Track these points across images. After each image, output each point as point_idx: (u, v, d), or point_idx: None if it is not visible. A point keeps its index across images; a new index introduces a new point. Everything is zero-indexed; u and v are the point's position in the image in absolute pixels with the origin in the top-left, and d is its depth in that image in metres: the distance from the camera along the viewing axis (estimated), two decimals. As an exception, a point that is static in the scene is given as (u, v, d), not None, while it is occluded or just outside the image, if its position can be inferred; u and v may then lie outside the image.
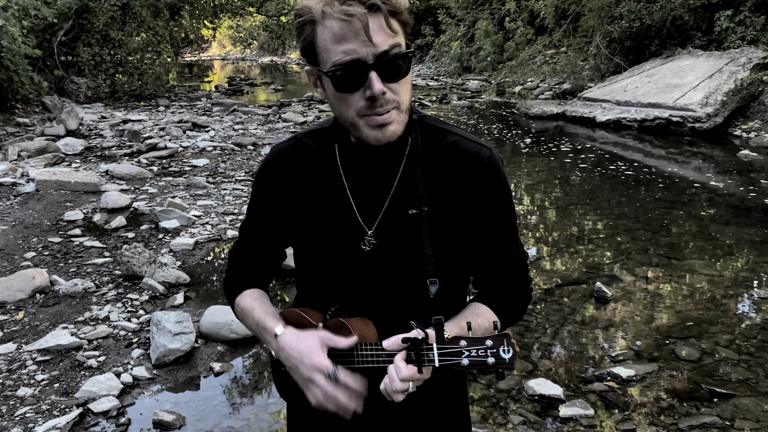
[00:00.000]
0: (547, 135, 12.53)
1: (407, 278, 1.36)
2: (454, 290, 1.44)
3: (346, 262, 1.40)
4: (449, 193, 1.35)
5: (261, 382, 3.76)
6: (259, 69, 39.22)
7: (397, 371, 1.20)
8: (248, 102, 18.34)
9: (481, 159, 1.36)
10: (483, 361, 1.14)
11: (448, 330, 1.27)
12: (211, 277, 5.30)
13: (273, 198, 1.47)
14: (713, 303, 4.73)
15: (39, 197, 7.38)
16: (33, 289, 4.69)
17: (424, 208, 1.32)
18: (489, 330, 1.38)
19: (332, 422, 1.42)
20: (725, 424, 3.24)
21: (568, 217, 7.25)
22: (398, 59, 1.22)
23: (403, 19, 1.24)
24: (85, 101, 16.15)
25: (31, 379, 3.63)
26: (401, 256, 1.36)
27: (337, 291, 1.41)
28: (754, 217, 6.93)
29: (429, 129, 1.39)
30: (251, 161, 9.88)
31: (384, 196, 1.37)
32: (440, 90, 20.87)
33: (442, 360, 1.16)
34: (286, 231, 1.49)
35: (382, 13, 1.18)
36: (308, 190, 1.42)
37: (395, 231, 1.36)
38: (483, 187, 1.35)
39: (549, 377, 3.68)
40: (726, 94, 11.73)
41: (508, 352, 1.13)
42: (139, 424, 3.28)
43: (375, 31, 1.18)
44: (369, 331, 1.34)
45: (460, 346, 1.15)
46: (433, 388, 1.31)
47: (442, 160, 1.36)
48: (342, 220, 1.39)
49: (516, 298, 1.47)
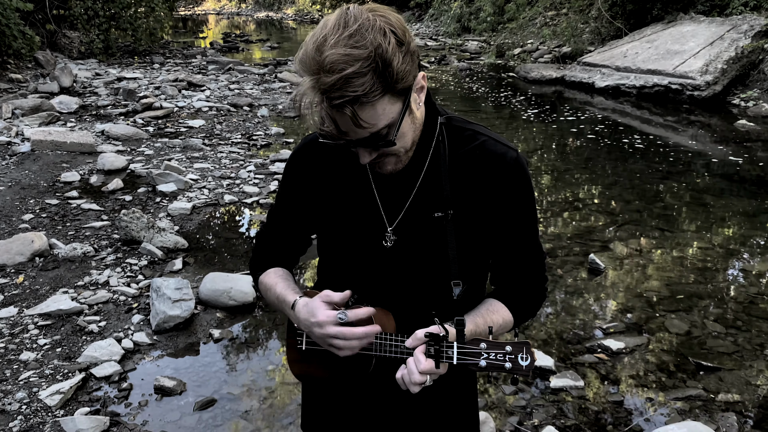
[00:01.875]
0: (545, 100, 12.47)
1: (429, 278, 1.40)
2: (476, 290, 1.48)
3: (367, 257, 1.43)
4: (475, 195, 1.38)
5: (259, 348, 3.84)
6: (254, 24, 38.55)
7: (417, 363, 1.25)
8: (244, 60, 18.11)
9: (507, 160, 1.37)
10: (501, 365, 1.19)
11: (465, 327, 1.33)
12: (209, 243, 5.35)
13: (301, 186, 1.51)
14: (704, 276, 4.82)
15: (35, 157, 7.35)
16: (32, 252, 4.73)
17: (449, 211, 1.35)
18: (502, 326, 1.43)
19: (344, 402, 1.48)
20: (709, 396, 3.35)
21: (563, 183, 7.29)
22: (383, 142, 1.25)
23: (396, 88, 1.21)
24: (79, 57, 15.90)
25: (34, 343, 3.69)
26: (423, 257, 1.40)
27: (356, 283, 1.44)
28: (747, 189, 6.99)
29: (456, 131, 1.40)
30: (247, 123, 9.82)
31: (407, 195, 1.40)
32: (439, 51, 20.62)
33: (461, 359, 1.22)
34: (312, 219, 1.53)
35: (347, 115, 1.18)
36: (335, 182, 1.46)
37: (418, 231, 1.39)
38: (508, 188, 1.37)
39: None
40: (726, 62, 11.66)
41: (525, 359, 1.18)
42: (141, 389, 3.36)
43: (348, 128, 1.22)
44: (389, 321, 1.39)
45: (479, 348, 1.21)
46: (445, 383, 1.36)
47: (469, 162, 1.38)
48: (366, 214, 1.42)
49: (531, 297, 1.51)
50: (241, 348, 3.84)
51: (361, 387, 1.50)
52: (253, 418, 3.19)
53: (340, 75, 1.13)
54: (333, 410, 1.59)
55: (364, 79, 1.14)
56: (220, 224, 5.83)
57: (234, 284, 4.21)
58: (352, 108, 1.16)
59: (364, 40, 1.15)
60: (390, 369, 1.35)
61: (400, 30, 1.20)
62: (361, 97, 1.15)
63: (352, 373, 1.42)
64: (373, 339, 1.34)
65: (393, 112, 1.22)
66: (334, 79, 1.13)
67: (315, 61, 1.16)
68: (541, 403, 3.29)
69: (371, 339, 1.33)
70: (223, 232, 5.65)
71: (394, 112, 1.22)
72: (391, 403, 1.46)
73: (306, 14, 44.33)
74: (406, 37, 1.20)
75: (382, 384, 1.37)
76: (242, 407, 3.27)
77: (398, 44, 1.18)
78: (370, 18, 1.18)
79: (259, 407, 3.27)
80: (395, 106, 1.22)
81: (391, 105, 1.21)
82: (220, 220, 5.91)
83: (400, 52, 1.18)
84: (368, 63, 1.14)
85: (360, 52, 1.14)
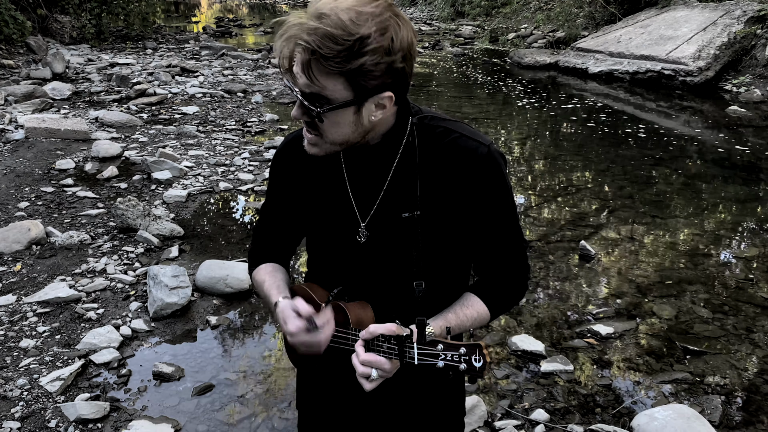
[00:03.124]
0: (539, 85, 12.49)
1: (396, 276, 1.44)
2: (445, 289, 1.50)
3: (343, 251, 1.49)
4: (446, 194, 1.39)
5: (256, 334, 3.91)
6: (247, 8, 38.22)
7: (357, 356, 1.30)
8: (237, 45, 18.03)
9: (478, 156, 1.36)
10: (456, 366, 1.23)
11: (433, 325, 1.37)
12: (204, 230, 5.39)
13: (284, 184, 1.58)
14: (693, 261, 4.90)
15: (29, 145, 7.36)
16: (29, 240, 4.76)
17: (416, 211, 1.37)
18: (477, 320, 1.47)
19: (337, 391, 1.54)
20: (695, 380, 3.44)
21: (556, 169, 7.35)
22: (311, 108, 1.26)
23: (354, 79, 1.21)
24: (71, 42, 15.78)
25: (33, 330, 3.75)
26: (391, 255, 1.44)
27: (336, 276, 1.51)
28: (738, 175, 7.07)
29: (428, 129, 1.40)
30: (241, 109, 9.82)
31: (377, 193, 1.44)
32: (433, 36, 20.55)
33: (421, 359, 1.25)
34: (297, 215, 1.59)
35: (304, 59, 1.20)
36: (313, 179, 1.51)
37: (387, 230, 1.43)
38: (480, 183, 1.37)
39: (532, 333, 3.85)
40: (719, 48, 11.70)
41: (479, 361, 1.22)
42: (140, 375, 3.42)
43: (297, 70, 1.23)
44: (366, 315, 1.43)
45: (437, 349, 1.24)
46: (430, 378, 1.40)
47: (441, 160, 1.38)
48: (340, 209, 1.47)
49: (511, 288, 1.53)
50: (238, 334, 3.90)
51: (348, 376, 1.56)
52: (250, 402, 3.26)
53: (323, 27, 1.16)
54: (325, 393, 1.66)
55: (333, 46, 1.16)
56: (216, 211, 5.87)
57: (230, 271, 4.26)
58: (308, 56, 1.18)
59: (364, 23, 1.17)
60: None
61: (399, 45, 1.21)
62: (320, 55, 1.17)
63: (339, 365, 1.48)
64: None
65: (339, 95, 1.23)
66: (315, 25, 1.16)
67: (319, 7, 1.19)
68: (532, 387, 3.37)
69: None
70: (219, 219, 5.69)
71: (340, 95, 1.23)
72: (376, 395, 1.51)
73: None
74: (398, 53, 1.22)
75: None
76: (239, 392, 3.34)
77: (385, 51, 1.20)
78: (388, 14, 1.21)
79: (256, 391, 3.34)
80: (344, 92, 1.23)
81: (342, 89, 1.22)
82: (216, 208, 5.95)
83: (381, 56, 1.19)
84: (348, 39, 1.16)
85: (351, 28, 1.16)
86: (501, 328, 3.91)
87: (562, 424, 3.08)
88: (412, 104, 1.41)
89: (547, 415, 3.13)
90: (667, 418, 2.95)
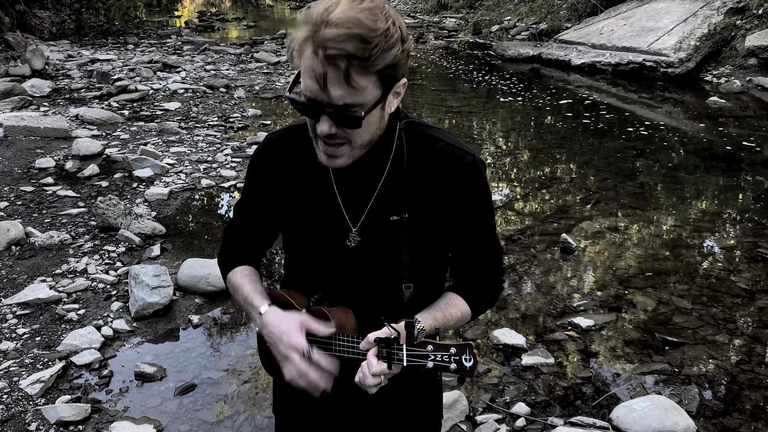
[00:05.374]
0: (522, 78, 12.52)
1: (385, 279, 1.45)
2: (430, 292, 1.53)
3: (331, 256, 1.49)
4: (432, 199, 1.42)
5: (238, 333, 3.90)
6: (230, 2, 37.88)
7: (369, 367, 1.31)
8: (219, 40, 17.88)
9: (464, 164, 1.41)
10: (446, 366, 1.25)
11: (422, 321, 1.39)
12: (187, 228, 5.37)
13: (263, 184, 1.55)
14: (673, 253, 4.96)
15: (8, 143, 7.27)
16: (8, 241, 4.72)
17: (404, 215, 1.40)
18: (460, 319, 1.50)
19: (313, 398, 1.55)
20: (674, 370, 3.49)
21: (539, 162, 7.38)
22: (351, 117, 1.24)
23: (385, 73, 1.23)
24: (50, 38, 15.58)
25: (13, 333, 3.72)
26: (381, 258, 1.45)
27: (320, 281, 1.50)
28: (718, 166, 7.14)
29: (415, 135, 1.44)
30: (224, 105, 9.76)
31: (368, 198, 1.44)
32: (417, 28, 20.51)
33: (410, 360, 1.27)
34: (275, 216, 1.57)
35: (341, 70, 1.18)
36: (297, 182, 1.49)
37: (378, 234, 1.44)
38: (465, 190, 1.42)
39: (513, 327, 3.88)
40: (699, 39, 11.78)
41: (469, 360, 1.24)
42: (122, 375, 3.41)
43: (333, 83, 1.20)
44: (348, 320, 1.44)
45: (427, 350, 1.26)
46: (409, 377, 1.42)
47: (428, 167, 1.42)
48: (328, 215, 1.47)
49: (489, 290, 1.58)
50: (220, 333, 3.89)
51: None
52: (233, 401, 3.26)
53: (345, 30, 1.16)
54: (302, 400, 1.66)
55: (366, 45, 1.17)
56: (198, 209, 5.84)
57: (212, 270, 4.25)
58: (346, 63, 1.17)
59: (376, 17, 1.18)
60: (350, 367, 1.41)
61: (405, 30, 1.25)
62: (357, 57, 1.17)
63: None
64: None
65: (372, 94, 1.24)
66: (337, 32, 1.16)
67: (321, 17, 1.18)
68: (513, 381, 3.40)
69: (318, 386, 1.40)
70: (201, 216, 5.67)
71: (372, 95, 1.24)
72: (355, 398, 1.52)
73: (282, -9, 43.61)
74: (408, 39, 1.26)
75: (344, 380, 1.44)
76: (222, 391, 3.34)
77: (401, 39, 1.23)
78: (384, 6, 1.23)
79: (239, 390, 3.34)
80: (376, 91, 1.25)
81: (374, 87, 1.24)
82: (198, 205, 5.92)
83: (401, 45, 1.23)
84: (375, 35, 1.17)
85: (370, 24, 1.17)
86: (483, 322, 3.94)
87: (543, 417, 3.11)
88: None
89: (528, 408, 3.16)
90: (645, 409, 2.99)
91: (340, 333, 1.42)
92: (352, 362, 1.42)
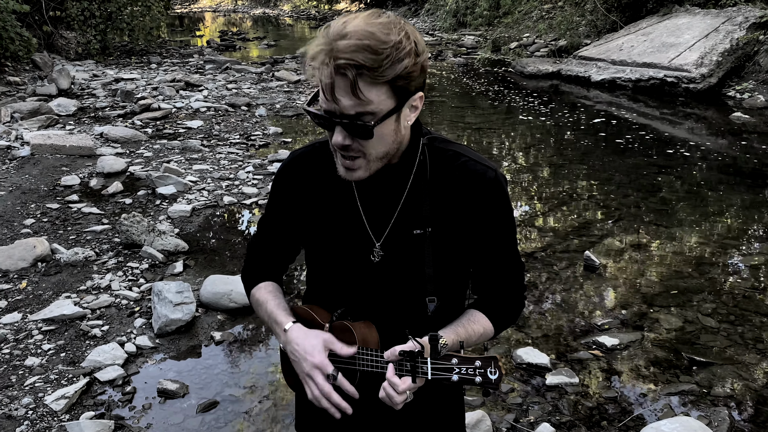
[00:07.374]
0: (541, 94, 12.51)
1: (409, 293, 1.46)
2: (453, 306, 1.54)
3: (355, 271, 1.49)
4: (455, 214, 1.43)
5: (260, 350, 3.91)
6: (251, 21, 38.49)
7: (394, 387, 1.31)
8: (241, 59, 18.13)
9: (486, 179, 1.43)
10: (471, 379, 1.25)
11: (445, 336, 1.39)
12: (209, 245, 5.41)
13: (287, 201, 1.57)
14: (698, 270, 4.88)
15: (35, 161, 7.41)
16: (34, 257, 4.78)
17: (428, 228, 1.42)
18: (483, 336, 1.50)
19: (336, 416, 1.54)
20: (702, 391, 3.42)
21: (560, 178, 7.34)
22: (362, 127, 1.27)
23: (397, 85, 1.26)
24: (76, 58, 15.93)
25: (38, 348, 3.76)
26: (405, 272, 1.46)
27: (343, 296, 1.51)
28: (743, 181, 7.05)
29: (438, 151, 1.46)
30: (245, 123, 9.87)
31: (391, 212, 1.46)
32: (436, 46, 20.63)
33: (435, 374, 1.27)
34: (299, 232, 1.59)
35: (349, 79, 1.22)
36: (321, 197, 1.51)
37: (401, 248, 1.45)
38: (487, 205, 1.43)
39: (537, 346, 3.84)
40: (721, 54, 11.69)
41: (494, 373, 1.24)
42: (144, 392, 3.42)
43: (341, 92, 1.24)
44: (371, 335, 1.45)
45: (452, 363, 1.26)
46: (431, 393, 1.42)
47: (451, 181, 1.44)
48: (352, 230, 1.48)
49: (510, 306, 1.58)
50: (242, 349, 3.90)
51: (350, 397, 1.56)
52: (255, 418, 3.26)
53: (356, 42, 1.20)
54: (324, 417, 1.65)
55: (376, 56, 1.20)
56: (220, 226, 5.89)
57: (234, 286, 4.27)
58: (354, 72, 1.21)
59: (389, 31, 1.23)
60: (374, 381, 1.41)
61: (421, 45, 1.28)
62: (366, 68, 1.21)
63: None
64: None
65: (384, 105, 1.27)
66: (348, 43, 1.20)
67: (336, 30, 1.23)
68: (537, 401, 3.36)
69: (340, 406, 1.42)
70: (223, 233, 5.71)
71: (385, 105, 1.27)
72: (378, 412, 1.51)
73: (302, 11, 44.22)
74: (423, 53, 1.28)
75: (368, 395, 1.43)
76: (244, 408, 3.33)
77: (415, 53, 1.26)
78: (401, 21, 1.28)
79: (261, 408, 3.34)
80: (388, 102, 1.27)
81: (386, 98, 1.26)
82: (220, 222, 5.97)
83: (415, 58, 1.26)
84: (385, 47, 1.21)
85: (382, 36, 1.21)
86: (505, 341, 3.90)
87: (568, 438, 3.06)
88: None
89: (552, 428, 3.11)
90: (674, 431, 2.93)
91: (363, 347, 1.42)
92: (375, 377, 1.42)
